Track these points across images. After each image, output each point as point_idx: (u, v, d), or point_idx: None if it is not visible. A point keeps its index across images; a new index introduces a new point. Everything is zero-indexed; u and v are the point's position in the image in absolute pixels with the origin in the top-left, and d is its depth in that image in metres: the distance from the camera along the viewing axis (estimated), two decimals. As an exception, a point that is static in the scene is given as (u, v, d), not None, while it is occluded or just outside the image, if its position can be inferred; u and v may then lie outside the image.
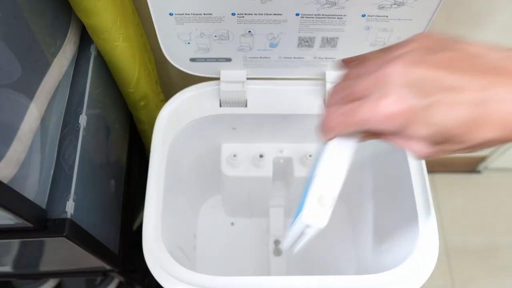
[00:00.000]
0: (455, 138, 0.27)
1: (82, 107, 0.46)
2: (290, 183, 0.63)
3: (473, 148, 0.27)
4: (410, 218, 0.47)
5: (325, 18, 0.45)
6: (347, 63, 0.35)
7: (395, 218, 0.52)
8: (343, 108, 0.29)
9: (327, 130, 0.31)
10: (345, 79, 0.32)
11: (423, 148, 0.28)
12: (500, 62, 0.26)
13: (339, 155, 0.32)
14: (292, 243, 0.37)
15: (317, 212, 0.32)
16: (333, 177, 0.32)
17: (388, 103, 0.27)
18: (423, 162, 0.50)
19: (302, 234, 0.35)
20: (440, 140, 0.27)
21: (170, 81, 0.73)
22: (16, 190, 0.34)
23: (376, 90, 0.28)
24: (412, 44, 0.29)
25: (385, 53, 0.29)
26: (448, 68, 0.26)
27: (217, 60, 0.51)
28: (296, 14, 0.45)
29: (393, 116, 0.27)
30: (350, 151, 0.33)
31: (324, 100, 0.53)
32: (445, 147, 0.28)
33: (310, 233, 0.35)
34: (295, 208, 0.36)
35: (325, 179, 0.32)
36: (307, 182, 0.35)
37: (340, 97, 0.30)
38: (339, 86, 0.32)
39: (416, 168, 0.50)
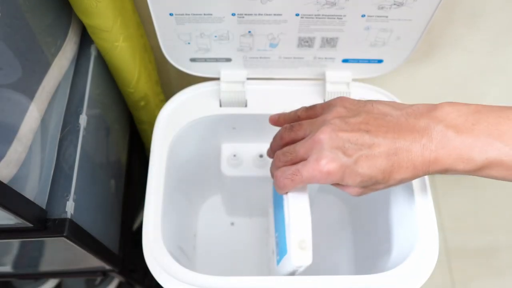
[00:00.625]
0: (378, 181, 0.35)
1: (82, 107, 0.46)
2: (290, 183, 0.63)
3: (394, 185, 0.36)
4: (410, 218, 0.47)
5: (325, 18, 0.45)
6: (276, 122, 0.45)
7: (394, 218, 0.52)
8: (290, 170, 0.37)
9: (281, 189, 0.39)
10: (282, 142, 0.41)
11: (356, 190, 0.36)
12: (399, 120, 0.35)
13: (301, 203, 0.40)
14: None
15: (302, 255, 0.39)
16: (303, 222, 0.39)
17: (324, 163, 0.34)
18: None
19: (293, 271, 0.42)
20: (368, 184, 0.35)
21: (170, 81, 0.73)
22: (16, 190, 0.34)
23: (313, 153, 0.35)
24: (333, 111, 0.37)
25: (312, 123, 0.38)
26: (363, 129, 0.35)
27: (217, 60, 0.51)
28: (296, 14, 0.45)
29: (330, 173, 0.34)
30: (307, 198, 0.40)
31: (324, 100, 0.53)
32: (373, 187, 0.36)
33: (300, 269, 0.41)
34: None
35: (298, 225, 0.39)
36: (279, 222, 0.44)
37: (283, 161, 0.39)
38: (280, 152, 0.40)
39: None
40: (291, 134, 0.40)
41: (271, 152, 0.44)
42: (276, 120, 0.45)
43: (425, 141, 0.33)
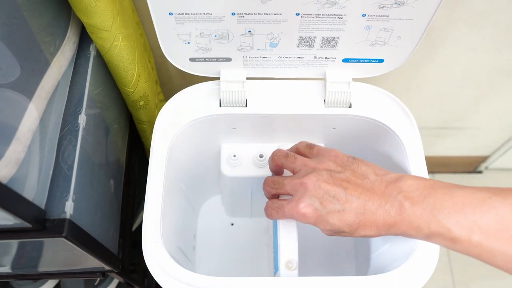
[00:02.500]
0: (345, 232, 0.40)
1: (82, 107, 0.46)
2: (290, 183, 0.63)
3: (359, 237, 0.41)
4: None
5: (325, 17, 0.45)
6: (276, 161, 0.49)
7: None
8: (277, 203, 0.44)
9: (269, 217, 0.46)
10: (273, 164, 0.48)
11: (327, 233, 0.41)
12: (374, 185, 0.40)
13: (289, 229, 0.47)
14: None
15: (289, 274, 0.46)
16: (291, 244, 0.47)
17: (302, 207, 0.41)
18: (424, 162, 0.50)
19: None
20: (336, 232, 0.41)
21: (170, 81, 0.73)
22: (15, 190, 0.34)
23: (297, 194, 0.42)
24: (324, 163, 0.43)
25: (305, 164, 0.44)
26: (343, 186, 0.40)
27: (217, 60, 0.51)
28: (296, 14, 0.45)
29: (305, 216, 0.41)
30: (295, 224, 0.48)
31: (325, 100, 0.53)
32: (340, 234, 0.41)
33: None
34: None
35: (286, 248, 0.47)
36: (274, 240, 0.51)
37: (270, 189, 0.46)
38: (270, 179, 0.47)
39: (417, 168, 0.49)
40: (283, 161, 0.46)
41: (272, 165, 0.50)
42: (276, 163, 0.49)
43: (388, 207, 0.38)
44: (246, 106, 0.53)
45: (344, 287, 0.43)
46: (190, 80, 0.54)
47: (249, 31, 0.47)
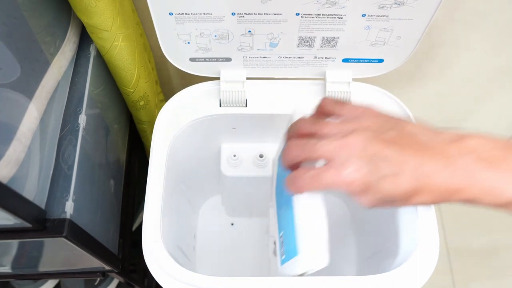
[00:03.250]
0: (397, 201, 0.34)
1: (82, 107, 0.46)
2: (290, 183, 0.63)
3: (411, 206, 0.36)
4: (410, 218, 0.47)
5: (325, 17, 0.45)
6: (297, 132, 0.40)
7: (395, 219, 0.51)
8: (311, 172, 0.35)
9: (297, 189, 0.36)
10: (298, 133, 0.38)
11: (370, 203, 0.34)
12: (429, 143, 0.34)
13: (314, 202, 0.38)
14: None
15: (316, 256, 0.37)
16: (319, 222, 0.38)
17: (348, 172, 0.33)
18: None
19: (303, 273, 0.39)
20: (386, 202, 0.34)
21: (170, 81, 0.73)
22: (15, 190, 0.34)
23: (339, 157, 0.34)
24: (366, 120, 0.36)
25: (341, 126, 0.36)
26: (394, 146, 0.33)
27: (217, 60, 0.51)
28: (296, 14, 0.45)
29: (352, 184, 0.33)
30: (322, 199, 0.38)
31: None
32: (388, 204, 0.35)
33: (311, 271, 0.39)
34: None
35: (312, 225, 0.38)
36: (285, 221, 0.41)
37: (295, 154, 0.36)
38: (297, 142, 0.37)
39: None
40: (313, 127, 0.37)
41: (287, 138, 0.41)
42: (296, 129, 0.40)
43: (452, 170, 0.33)
44: (246, 106, 0.53)
45: (344, 287, 0.43)
46: (190, 80, 0.54)
47: (249, 31, 0.47)
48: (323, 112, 0.40)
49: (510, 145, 0.33)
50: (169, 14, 0.44)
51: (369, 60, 0.51)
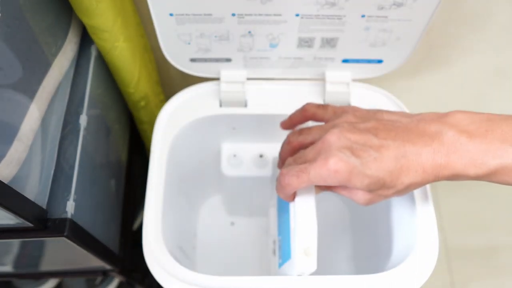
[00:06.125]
0: (386, 184, 0.34)
1: (83, 107, 0.47)
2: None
3: (403, 191, 0.35)
4: (410, 218, 0.47)
5: (325, 18, 0.45)
6: (288, 125, 0.45)
7: (394, 218, 0.52)
8: (297, 167, 0.36)
9: (284, 187, 0.37)
10: (290, 147, 0.42)
11: (363, 195, 0.36)
12: (409, 125, 0.35)
13: (307, 208, 0.40)
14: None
15: (306, 261, 0.39)
16: (310, 229, 0.39)
17: (332, 162, 0.34)
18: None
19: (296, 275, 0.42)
20: (375, 187, 0.35)
21: (171, 81, 0.73)
22: (17, 190, 0.34)
23: (322, 153, 0.35)
24: (343, 117, 0.38)
25: (321, 128, 0.38)
26: (373, 133, 0.35)
27: (217, 60, 0.51)
28: (296, 15, 0.45)
29: (337, 172, 0.34)
30: (314, 203, 0.40)
31: (324, 100, 0.54)
32: (380, 192, 0.35)
33: (303, 275, 0.42)
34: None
35: (304, 231, 0.39)
36: (283, 226, 0.44)
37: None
38: (291, 159, 0.39)
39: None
40: (299, 138, 0.40)
41: (280, 162, 0.44)
42: (287, 122, 0.45)
43: (436, 145, 0.33)
44: (246, 106, 0.53)
45: (343, 286, 0.43)
46: (190, 80, 0.55)
47: (249, 32, 0.47)
48: (306, 116, 0.43)
49: (490, 117, 0.34)
50: (170, 15, 0.44)
51: (369, 61, 0.52)
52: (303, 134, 0.40)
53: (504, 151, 0.32)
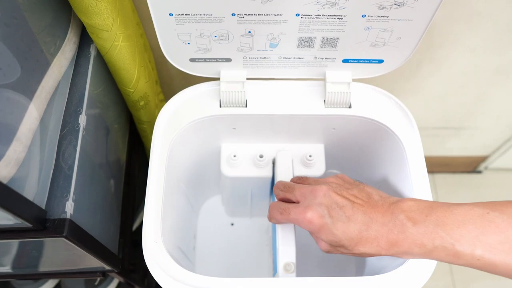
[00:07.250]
0: (345, 246, 0.41)
1: (82, 107, 0.46)
2: (290, 184, 0.63)
3: (357, 255, 0.42)
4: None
5: (325, 18, 0.45)
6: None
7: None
8: (283, 205, 0.45)
9: (271, 219, 0.47)
10: (277, 199, 0.48)
11: (325, 246, 0.43)
12: (378, 203, 0.42)
13: (287, 233, 0.50)
14: None
15: (287, 277, 0.47)
16: (289, 250, 0.49)
17: (309, 214, 0.41)
18: (423, 162, 0.50)
19: None
20: (336, 245, 0.42)
21: (170, 81, 0.73)
22: (15, 190, 0.34)
23: (306, 200, 0.43)
24: (334, 179, 0.46)
25: (303, 186, 0.45)
26: (351, 200, 0.42)
27: (217, 60, 0.51)
28: (296, 15, 0.45)
29: (311, 223, 0.41)
30: (293, 228, 0.50)
31: (325, 100, 0.53)
32: (339, 249, 0.42)
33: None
34: None
35: (284, 252, 0.49)
36: (274, 243, 0.53)
37: (283, 191, 0.47)
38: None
39: (416, 168, 0.50)
40: (281, 194, 0.48)
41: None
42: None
43: (391, 226, 0.40)
44: (246, 106, 0.53)
45: (345, 287, 0.43)
46: (190, 80, 0.55)
47: (249, 32, 0.47)
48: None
49: (432, 205, 0.40)
50: (169, 14, 0.44)
51: (369, 61, 0.52)
52: (284, 190, 0.47)
53: (436, 234, 0.38)
